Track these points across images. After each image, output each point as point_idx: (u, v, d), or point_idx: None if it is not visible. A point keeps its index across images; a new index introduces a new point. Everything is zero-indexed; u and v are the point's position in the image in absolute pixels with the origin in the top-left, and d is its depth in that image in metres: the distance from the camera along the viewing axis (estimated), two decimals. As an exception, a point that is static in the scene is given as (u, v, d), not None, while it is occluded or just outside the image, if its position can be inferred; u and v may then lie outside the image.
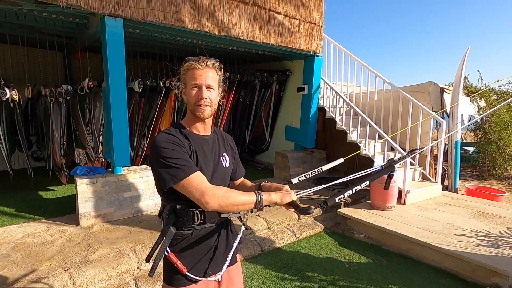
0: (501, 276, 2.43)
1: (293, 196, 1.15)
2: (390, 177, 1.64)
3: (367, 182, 1.30)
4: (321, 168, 2.52)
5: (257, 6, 4.18)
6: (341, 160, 2.75)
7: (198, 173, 1.10)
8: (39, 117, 5.09)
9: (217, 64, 1.20)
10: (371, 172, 1.40)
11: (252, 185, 1.37)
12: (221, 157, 1.27)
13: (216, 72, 1.19)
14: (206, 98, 1.15)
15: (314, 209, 1.12)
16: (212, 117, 1.24)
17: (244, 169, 1.46)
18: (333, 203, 1.20)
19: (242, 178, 1.45)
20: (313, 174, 2.41)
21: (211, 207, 1.04)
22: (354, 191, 1.21)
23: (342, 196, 1.17)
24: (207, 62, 1.16)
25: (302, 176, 2.38)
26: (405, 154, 4.01)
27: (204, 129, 1.24)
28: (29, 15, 3.41)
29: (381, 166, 1.97)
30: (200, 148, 1.19)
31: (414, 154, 2.02)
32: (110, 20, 3.19)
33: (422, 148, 2.27)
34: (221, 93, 1.26)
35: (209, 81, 1.16)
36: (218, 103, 1.25)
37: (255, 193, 1.09)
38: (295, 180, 2.37)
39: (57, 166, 4.55)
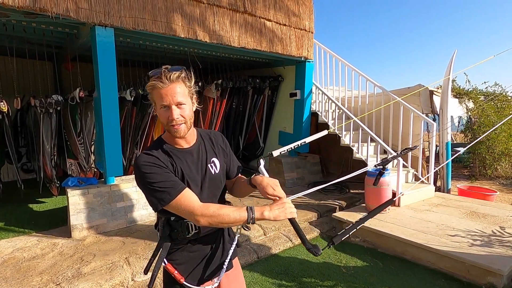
0: (495, 275, 2.45)
1: (288, 212, 1.06)
2: (380, 174, 1.67)
3: (370, 218, 1.31)
4: (304, 141, 2.54)
5: (248, 13, 4.22)
6: (325, 132, 2.77)
7: (185, 191, 1.07)
8: (29, 128, 5.00)
9: (183, 74, 1.09)
10: (376, 208, 1.39)
11: (244, 180, 1.30)
12: (208, 165, 1.22)
13: (184, 84, 1.09)
14: (177, 118, 1.07)
15: (322, 250, 1.04)
16: (191, 130, 1.17)
17: (240, 165, 1.39)
18: (339, 241, 1.16)
19: (238, 176, 1.39)
20: (294, 147, 2.47)
21: (201, 225, 1.06)
22: (358, 228, 1.21)
23: (348, 235, 1.16)
24: (170, 76, 1.04)
25: (284, 150, 2.44)
26: (400, 151, 4.07)
27: (186, 142, 1.18)
28: (17, 26, 3.38)
29: (375, 165, 2.00)
30: (184, 163, 1.15)
31: (406, 153, 2.07)
32: (100, 30, 3.18)
33: (415, 146, 2.33)
34: (197, 100, 1.18)
35: (177, 98, 1.05)
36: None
37: (247, 210, 1.04)
38: (276, 153, 2.42)
39: (48, 177, 4.47)
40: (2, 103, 3.65)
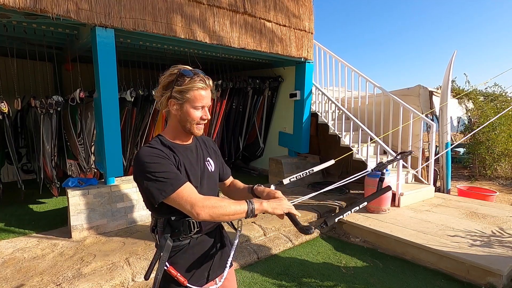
0: (495, 275, 2.46)
1: (285, 207, 1.11)
2: (381, 180, 1.67)
3: (365, 203, 1.32)
4: (312, 170, 2.53)
5: (248, 14, 4.23)
6: (332, 161, 2.76)
7: (187, 184, 1.08)
8: (29, 129, 5.01)
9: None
10: (372, 194, 1.40)
11: (244, 187, 1.38)
12: (206, 163, 1.27)
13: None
14: (207, 118, 1.19)
15: (314, 229, 1.10)
16: None
17: (229, 168, 1.49)
18: (333, 223, 1.19)
19: (231, 178, 1.47)
20: (304, 175, 2.43)
21: (202, 218, 1.04)
22: (352, 211, 1.23)
23: (341, 216, 1.18)
24: (210, 82, 1.17)
25: (293, 177, 2.39)
26: (395, 156, 4.08)
27: (187, 139, 1.24)
28: (18, 27, 3.39)
29: (372, 169, 2.00)
30: (185, 158, 1.18)
31: (402, 158, 2.08)
32: (101, 31, 3.18)
33: (410, 151, 2.34)
34: None
35: (209, 101, 1.19)
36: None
37: (247, 202, 1.07)
38: (286, 181, 2.37)
39: (48, 178, 4.47)
40: (2, 103, 3.65)
